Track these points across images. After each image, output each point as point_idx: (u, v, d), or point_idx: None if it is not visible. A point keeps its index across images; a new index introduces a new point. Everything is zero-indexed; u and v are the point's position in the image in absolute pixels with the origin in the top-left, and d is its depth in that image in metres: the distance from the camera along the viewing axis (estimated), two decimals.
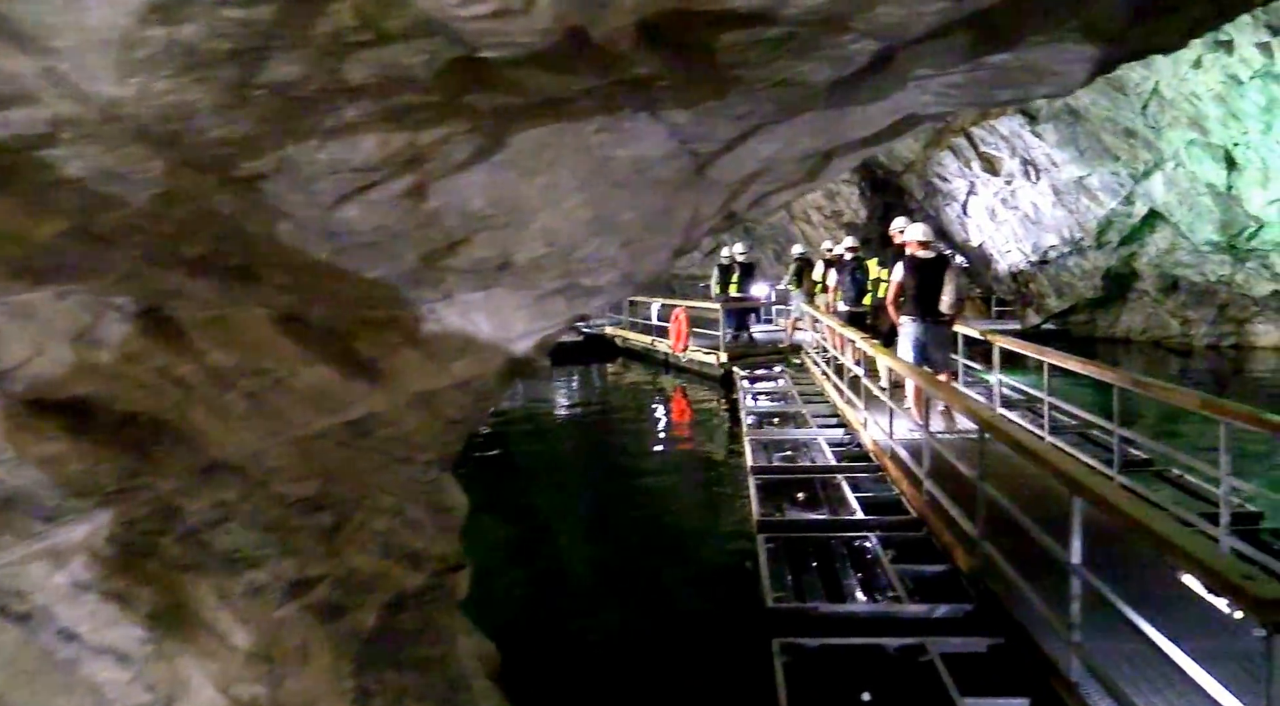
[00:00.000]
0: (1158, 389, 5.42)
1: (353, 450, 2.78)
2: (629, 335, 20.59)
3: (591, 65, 1.84)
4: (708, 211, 2.78)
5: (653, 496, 9.95)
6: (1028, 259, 19.48)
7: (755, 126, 2.34)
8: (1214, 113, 14.56)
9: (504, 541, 8.57)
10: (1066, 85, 2.54)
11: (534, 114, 2.09)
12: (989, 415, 4.80)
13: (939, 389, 5.94)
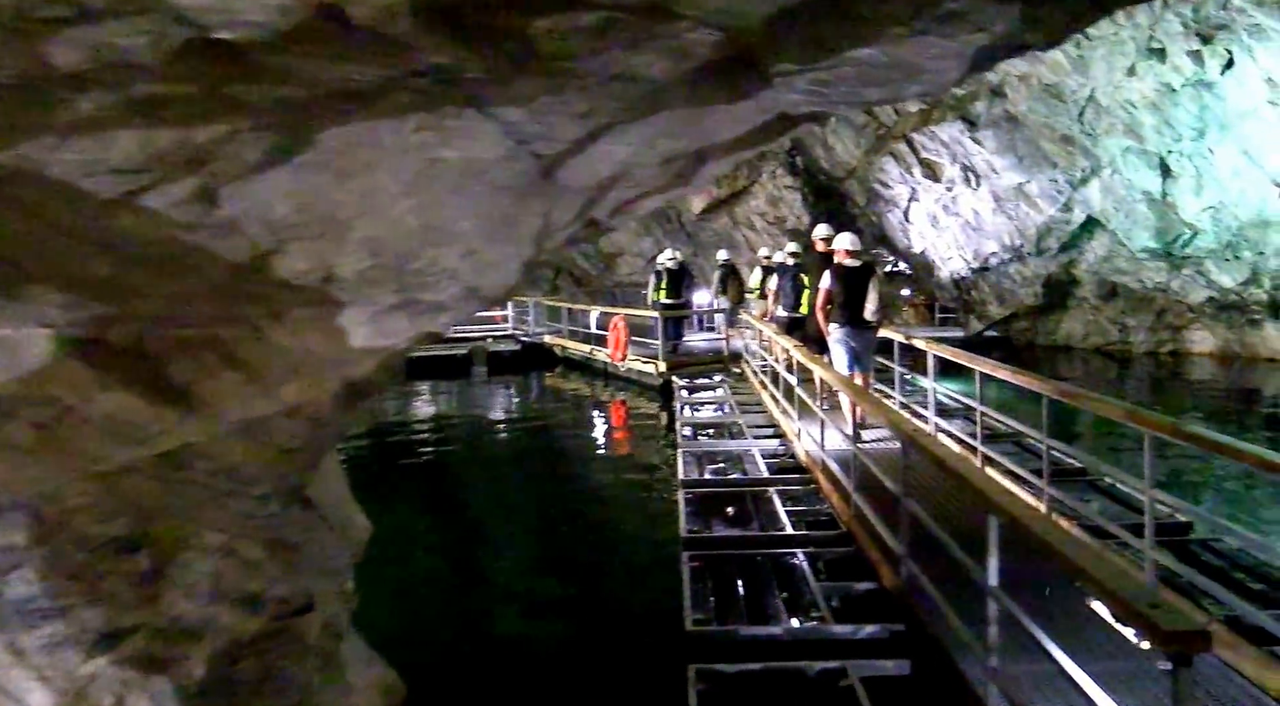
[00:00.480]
0: (1084, 399, 5.24)
1: (170, 485, 2.43)
2: (568, 344, 20.26)
3: (371, 52, 1.60)
4: (562, 219, 2.49)
5: (582, 512, 9.62)
6: (969, 266, 19.51)
7: (604, 126, 2.11)
8: (1149, 120, 14.65)
9: (423, 558, 8.19)
10: (939, 83, 2.34)
11: (336, 110, 1.81)
12: (911, 428, 4.56)
13: (864, 400, 5.71)
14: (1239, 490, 9.63)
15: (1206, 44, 12.59)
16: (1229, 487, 9.68)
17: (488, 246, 2.32)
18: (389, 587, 7.23)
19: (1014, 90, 16.01)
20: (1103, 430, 12.33)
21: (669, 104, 2.08)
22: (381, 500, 10.03)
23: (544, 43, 1.68)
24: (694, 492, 7.59)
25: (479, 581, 7.66)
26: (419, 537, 8.80)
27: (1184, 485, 9.63)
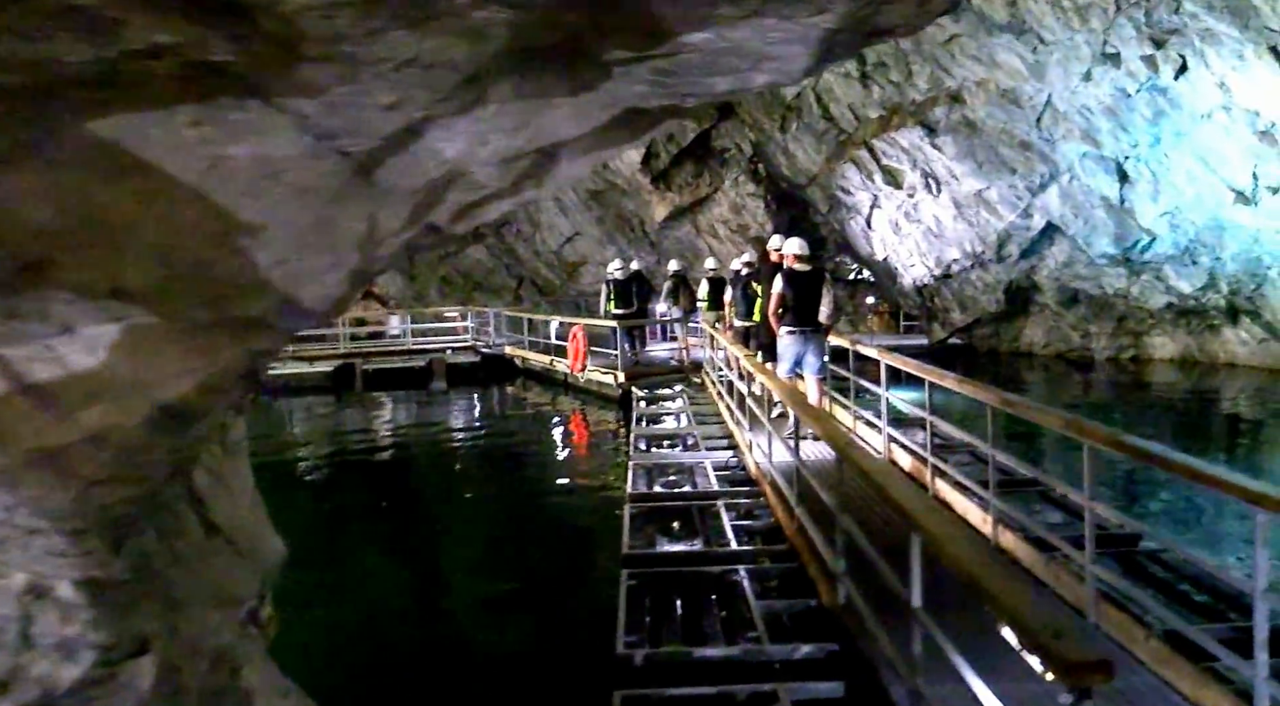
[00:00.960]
0: (1026, 408, 5.05)
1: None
2: (528, 355, 19.97)
3: (70, 28, 1.37)
4: (391, 225, 2.23)
5: (530, 530, 9.34)
6: (931, 273, 19.43)
7: (420, 120, 1.87)
8: (1105, 126, 14.62)
9: (359, 578, 7.87)
10: (789, 72, 2.15)
11: (86, 100, 1.57)
12: (844, 440, 4.34)
13: (803, 410, 5.48)
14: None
15: (1160, 48, 12.56)
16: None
17: (301, 255, 2.06)
18: (316, 603, 6.93)
19: (972, 96, 15.95)
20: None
21: (496, 96, 1.86)
22: (300, 514, 9.75)
23: (304, 22, 1.47)
24: (640, 507, 7.36)
25: (411, 599, 7.36)
26: (355, 559, 8.48)
27: (1142, 494, 9.51)
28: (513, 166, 2.23)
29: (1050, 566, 4.96)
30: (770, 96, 19.38)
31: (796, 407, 5.57)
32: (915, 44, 15.93)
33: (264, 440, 15.24)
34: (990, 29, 14.54)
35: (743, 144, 21.80)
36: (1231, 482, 3.19)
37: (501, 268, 29.56)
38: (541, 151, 2.24)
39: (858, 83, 17.52)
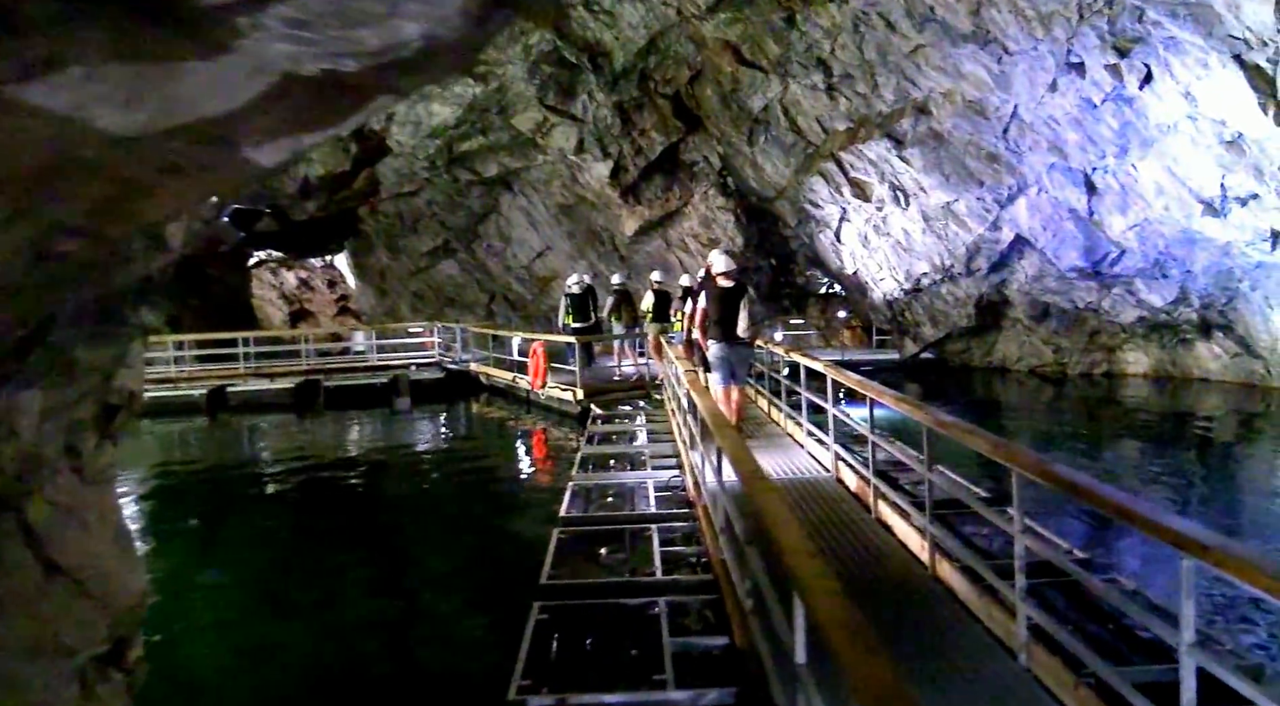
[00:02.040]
0: (957, 430, 4.67)
1: None
2: (491, 371, 19.55)
3: None
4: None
5: (462, 552, 8.91)
6: (901, 286, 19.13)
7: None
8: (1072, 136, 14.37)
9: (266, 613, 7.40)
10: (445, 19, 1.75)
11: None
12: (748, 469, 3.95)
13: (721, 435, 5.09)
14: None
15: (1124, 57, 12.31)
16: None
17: None
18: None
19: (938, 107, 15.69)
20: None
21: (77, 57, 1.45)
22: (246, 533, 9.33)
23: None
24: (570, 532, 6.95)
25: (309, 629, 6.90)
26: (269, 588, 8.02)
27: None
28: (155, 149, 1.81)
29: (983, 600, 4.58)
30: (737, 109, 19.13)
31: (715, 430, 5.18)
32: (881, 55, 15.70)
33: (219, 458, 14.78)
34: (955, 39, 14.30)
35: (711, 157, 21.53)
36: (1158, 523, 2.81)
37: (473, 283, 29.16)
38: (196, 132, 1.82)
39: (824, 94, 17.27)
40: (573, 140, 20.94)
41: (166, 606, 7.24)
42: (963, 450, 8.31)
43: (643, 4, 17.46)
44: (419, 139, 21.00)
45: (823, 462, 8.50)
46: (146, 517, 10.49)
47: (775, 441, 10.04)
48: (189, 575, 8.31)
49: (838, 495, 7.36)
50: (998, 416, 16.51)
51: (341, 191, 23.95)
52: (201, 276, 25.79)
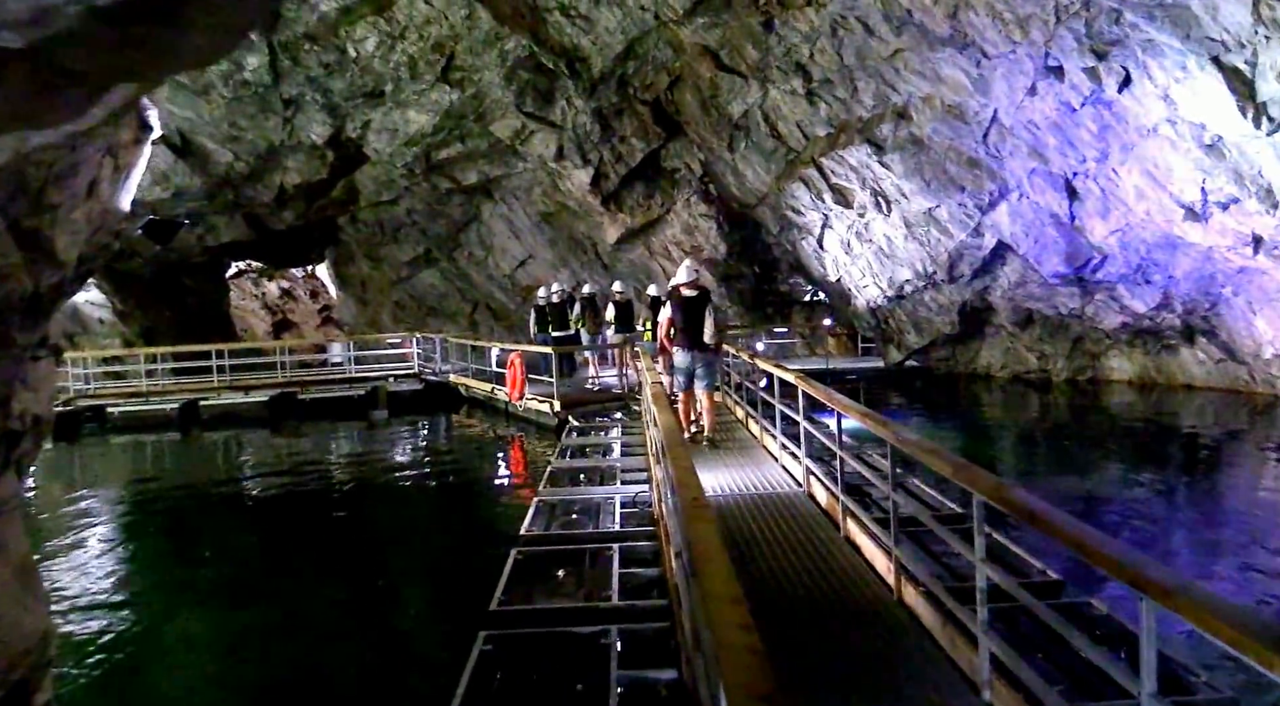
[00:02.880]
0: (917, 448, 4.43)
1: None
2: (471, 383, 19.28)
3: None
4: None
5: (427, 572, 8.63)
6: (884, 293, 18.91)
7: None
8: (1052, 141, 14.18)
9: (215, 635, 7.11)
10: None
11: None
12: (690, 497, 3.69)
13: (672, 452, 4.83)
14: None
15: (1102, 60, 12.12)
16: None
17: None
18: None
19: (918, 112, 15.50)
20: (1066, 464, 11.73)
21: None
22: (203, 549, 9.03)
23: None
24: (527, 552, 6.70)
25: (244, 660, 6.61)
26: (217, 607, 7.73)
27: None
28: None
29: (947, 630, 4.33)
30: (717, 114, 18.91)
31: (668, 447, 4.92)
32: (860, 59, 15.50)
33: (188, 475, 14.45)
34: (933, 43, 14.11)
35: (692, 164, 21.31)
36: (1116, 560, 2.56)
37: (455, 292, 28.88)
38: None
39: (804, 99, 17.06)
40: (552, 147, 20.69)
41: (136, 625, 6.99)
42: (949, 447, 7.94)
43: (620, 9, 17.23)
44: (396, 147, 20.71)
45: (795, 476, 8.26)
46: (109, 537, 10.17)
47: (749, 453, 9.80)
48: (152, 597, 8.01)
49: (808, 512, 7.11)
50: (982, 424, 16.31)
51: (319, 200, 23.63)
52: (177, 287, 25.44)
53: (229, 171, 21.37)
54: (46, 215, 3.73)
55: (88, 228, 4.05)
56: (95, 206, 4.05)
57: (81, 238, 4.02)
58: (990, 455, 13.44)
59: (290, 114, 19.70)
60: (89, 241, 4.19)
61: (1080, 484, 11.15)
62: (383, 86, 18.97)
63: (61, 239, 3.89)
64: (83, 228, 3.96)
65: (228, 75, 18.18)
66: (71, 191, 3.75)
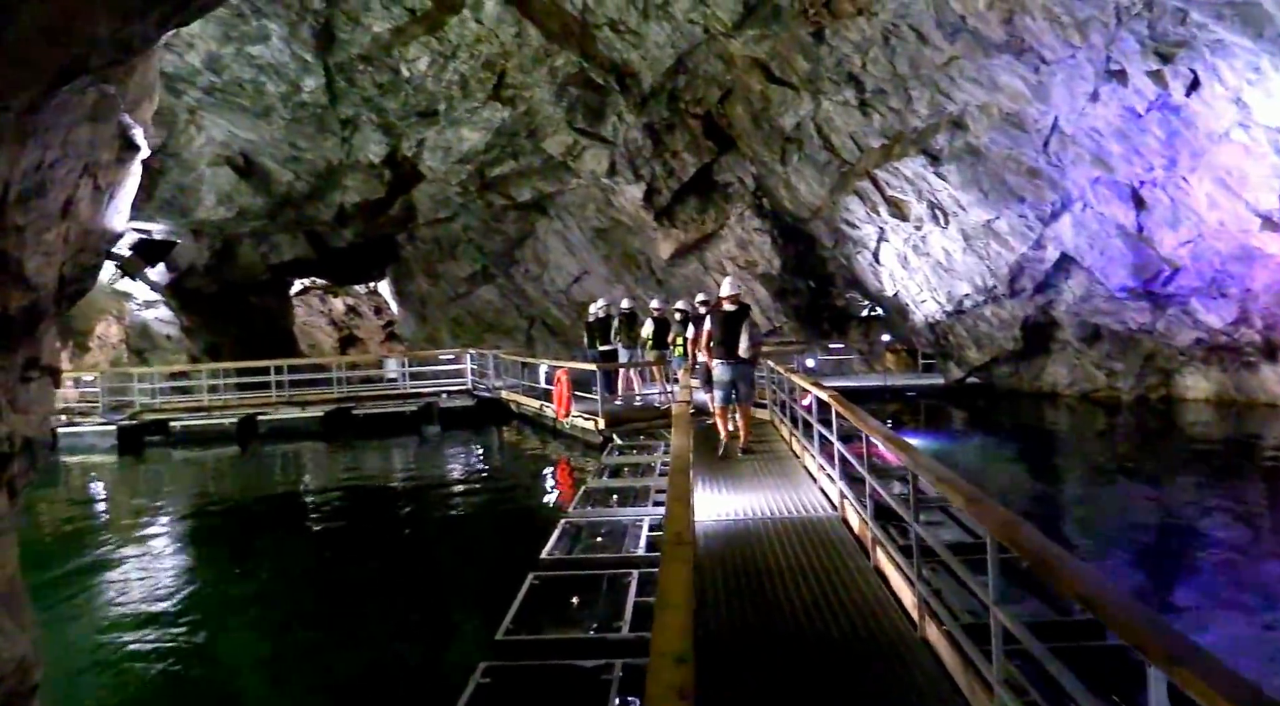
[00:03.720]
0: (932, 475, 4.12)
1: None
2: (521, 399, 19.22)
3: None
4: None
5: (447, 596, 8.49)
6: (943, 308, 18.34)
7: None
8: (1116, 148, 13.58)
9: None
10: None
11: None
12: (675, 532, 3.45)
13: (674, 480, 4.59)
14: None
15: (1167, 63, 11.55)
16: None
17: None
18: None
19: (974, 121, 15.01)
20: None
21: None
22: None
23: None
24: (544, 577, 6.50)
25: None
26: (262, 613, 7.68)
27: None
28: None
29: (967, 674, 4.00)
30: (769, 128, 18.64)
31: (673, 473, 4.69)
32: (913, 68, 15.11)
33: (243, 487, 14.64)
34: (988, 49, 13.66)
35: (745, 178, 21.05)
36: (1125, 621, 2.26)
37: (512, 308, 29.01)
38: None
39: (857, 110, 16.70)
40: (604, 163, 20.64)
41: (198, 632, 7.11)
42: (999, 474, 7.56)
43: (669, 23, 17.11)
44: (450, 164, 20.89)
45: (831, 499, 7.93)
46: (160, 550, 10.28)
47: (788, 474, 9.48)
48: (195, 608, 8.03)
49: (839, 537, 6.78)
50: (1047, 444, 15.65)
51: (378, 218, 23.98)
52: (242, 304, 26.03)
53: (290, 191, 21.82)
54: (12, 236, 3.66)
55: (65, 249, 3.98)
56: (73, 227, 3.97)
57: (58, 259, 3.95)
58: (1056, 478, 12.86)
59: (348, 134, 20.03)
60: (72, 263, 4.13)
61: (1154, 510, 10.55)
62: (436, 105, 19.16)
63: (32, 260, 3.82)
64: (58, 249, 3.89)
65: (287, 97, 18.55)
66: (41, 212, 3.68)
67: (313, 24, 16.75)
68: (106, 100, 3.72)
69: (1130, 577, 7.88)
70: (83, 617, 8.10)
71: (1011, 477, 13.20)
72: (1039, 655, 3.04)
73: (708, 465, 10.22)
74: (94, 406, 21.00)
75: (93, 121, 3.70)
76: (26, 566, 9.82)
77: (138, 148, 4.15)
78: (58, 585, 9.08)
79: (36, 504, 14.18)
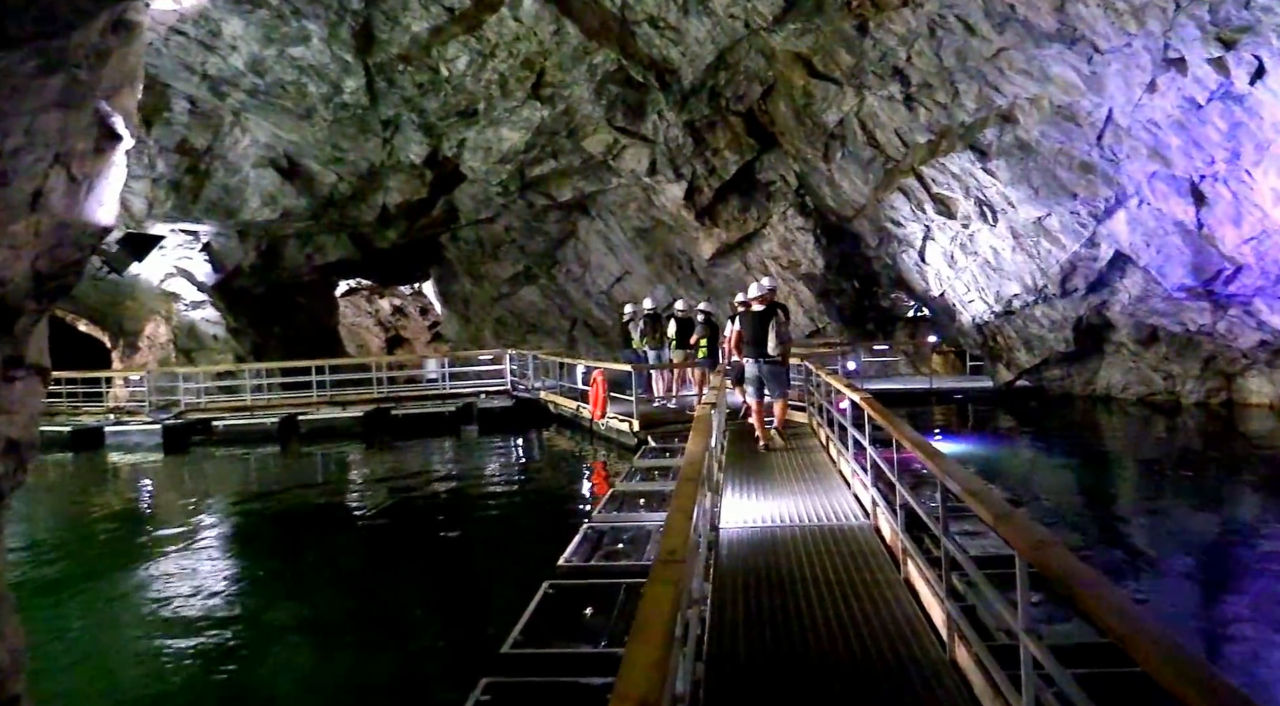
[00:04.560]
0: (963, 487, 3.80)
1: None
2: (558, 400, 19.07)
3: None
4: None
5: (470, 603, 8.31)
6: (991, 309, 17.76)
7: None
8: (1175, 141, 12.96)
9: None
10: None
11: None
12: (669, 549, 3.17)
13: (680, 489, 4.32)
14: None
15: (1230, 49, 10.96)
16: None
17: None
18: None
19: (1024, 114, 14.48)
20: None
21: None
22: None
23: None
24: (560, 586, 6.26)
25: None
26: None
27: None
28: None
29: (997, 702, 3.67)
30: (812, 124, 18.24)
31: (681, 482, 4.42)
32: (960, 60, 14.62)
33: (281, 487, 14.65)
34: (1039, 39, 13.15)
35: (788, 176, 20.65)
36: (1163, 664, 1.95)
37: (554, 309, 28.91)
38: None
39: (902, 105, 16.24)
40: (644, 161, 20.39)
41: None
42: (1051, 481, 6.96)
43: (709, 18, 16.81)
44: (490, 164, 20.80)
45: (865, 505, 7.59)
46: (196, 549, 10.28)
47: (822, 478, 9.15)
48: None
49: (870, 547, 6.45)
50: (1102, 450, 15.05)
51: (421, 219, 24.02)
52: (288, 304, 26.26)
53: (333, 192, 21.93)
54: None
55: (37, 242, 3.82)
56: (45, 220, 3.80)
57: (27, 251, 3.79)
58: (1110, 486, 12.33)
59: (389, 135, 20.05)
60: (49, 257, 3.97)
61: (1214, 523, 10.02)
62: (475, 105, 19.08)
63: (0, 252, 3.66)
64: (27, 242, 3.73)
65: (328, 98, 18.61)
66: (5, 202, 3.52)
67: (352, 24, 16.75)
68: (77, 85, 3.55)
69: (1186, 598, 7.43)
70: (124, 616, 8.13)
71: (1064, 485, 12.68)
72: (1068, 690, 2.72)
73: (740, 467, 9.96)
74: (142, 406, 21.31)
75: (63, 108, 3.53)
76: (69, 562, 9.87)
77: (119, 137, 3.99)
78: (97, 580, 9.14)
79: (85, 499, 14.37)
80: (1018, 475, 13.26)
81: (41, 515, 12.64)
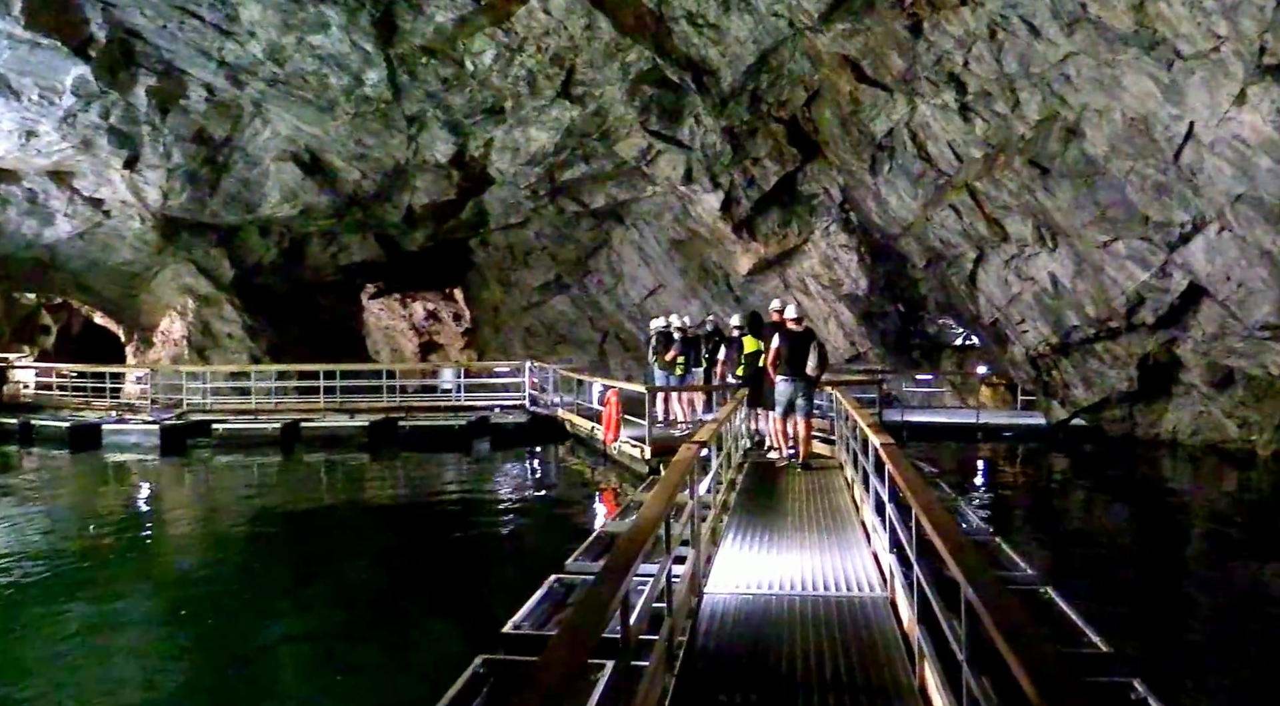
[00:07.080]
0: (983, 605, 2.56)
1: None
2: (574, 419, 17.94)
3: None
4: None
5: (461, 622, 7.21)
6: (1047, 340, 16.27)
7: None
8: (1265, 161, 11.47)
9: None
10: None
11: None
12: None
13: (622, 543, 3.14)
14: None
15: None
16: None
17: None
18: None
19: (1092, 127, 13.09)
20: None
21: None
22: None
23: None
24: (565, 578, 5.63)
25: None
26: None
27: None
28: None
29: None
30: (858, 133, 16.96)
31: (617, 551, 3.24)
32: (1023, 66, 13.29)
33: (278, 498, 13.73)
34: (1112, 43, 11.78)
35: (831, 189, 19.36)
36: None
37: (585, 320, 27.83)
38: None
39: (957, 116, 14.91)
40: (680, 169, 19.27)
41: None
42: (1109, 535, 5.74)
43: (751, 15, 15.66)
44: (518, 166, 19.83)
45: (883, 570, 6.32)
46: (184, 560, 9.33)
47: (841, 530, 7.88)
48: None
49: (882, 632, 5.18)
50: (1166, 502, 13.51)
51: (449, 221, 23.16)
52: (309, 304, 25.55)
53: (356, 190, 21.14)
54: None
55: None
56: None
57: None
58: (1175, 545, 10.89)
59: (414, 132, 19.18)
60: None
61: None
62: (503, 103, 18.13)
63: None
64: None
65: (349, 90, 17.79)
66: None
67: (372, 12, 15.88)
68: None
69: (1261, 677, 6.18)
70: (121, 623, 7.56)
71: (1123, 542, 11.27)
72: None
73: (749, 508, 8.79)
74: (149, 404, 20.65)
75: None
76: (58, 567, 8.89)
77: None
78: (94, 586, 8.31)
79: (80, 502, 13.59)
80: (1074, 528, 11.91)
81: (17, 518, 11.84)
